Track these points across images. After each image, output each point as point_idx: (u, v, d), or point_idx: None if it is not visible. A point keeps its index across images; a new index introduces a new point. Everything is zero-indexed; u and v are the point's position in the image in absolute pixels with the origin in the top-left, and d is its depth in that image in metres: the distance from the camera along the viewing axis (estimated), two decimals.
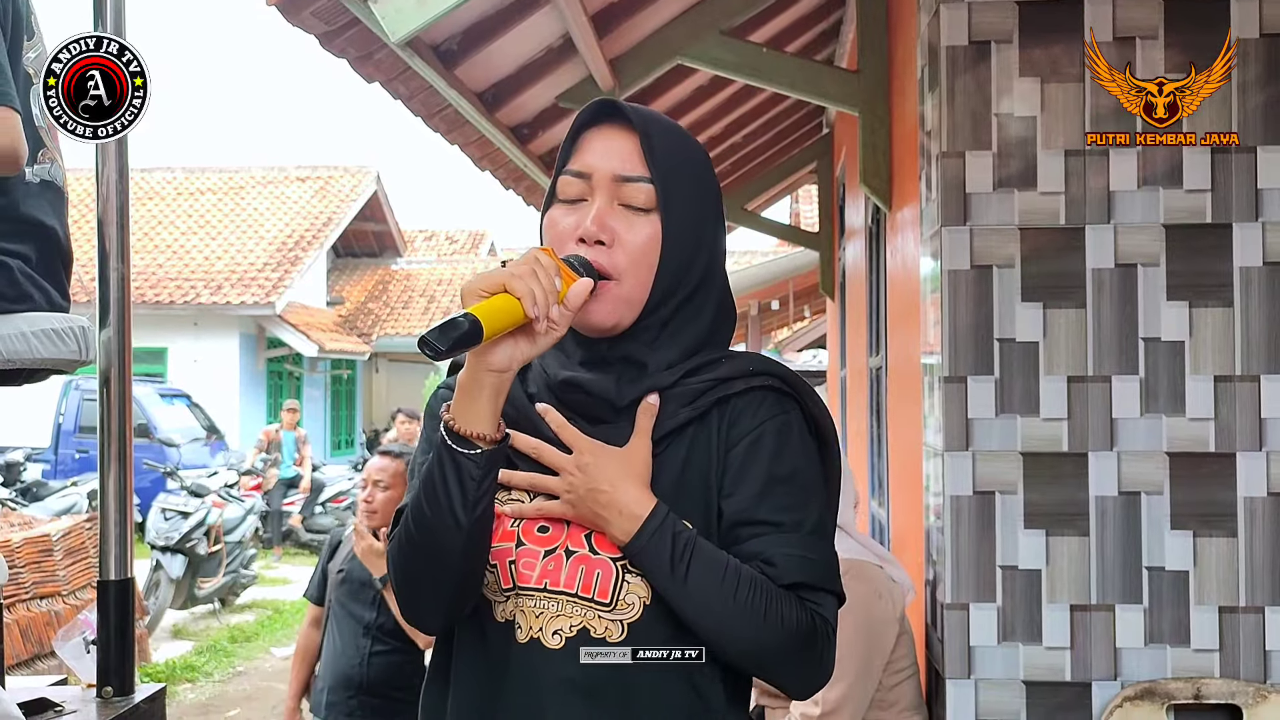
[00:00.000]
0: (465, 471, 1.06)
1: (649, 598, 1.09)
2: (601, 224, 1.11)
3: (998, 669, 2.54)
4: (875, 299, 4.55)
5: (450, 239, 24.39)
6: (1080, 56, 2.56)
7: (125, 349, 2.09)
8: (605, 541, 1.10)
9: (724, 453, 1.12)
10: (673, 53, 3.67)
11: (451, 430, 1.06)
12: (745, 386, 1.14)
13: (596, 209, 1.12)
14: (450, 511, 1.06)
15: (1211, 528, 2.51)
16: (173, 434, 12.12)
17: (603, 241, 1.11)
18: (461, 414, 1.06)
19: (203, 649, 7.17)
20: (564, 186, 1.15)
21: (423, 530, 1.09)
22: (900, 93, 3.49)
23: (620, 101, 1.16)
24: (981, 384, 2.56)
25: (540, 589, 1.10)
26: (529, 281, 1.02)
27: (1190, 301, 2.54)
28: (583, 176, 1.13)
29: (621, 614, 1.09)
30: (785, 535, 1.10)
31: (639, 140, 1.13)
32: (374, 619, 3.09)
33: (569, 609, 1.09)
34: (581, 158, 1.14)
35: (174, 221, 18.17)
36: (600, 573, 1.09)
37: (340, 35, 2.82)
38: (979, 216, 2.58)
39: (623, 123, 1.14)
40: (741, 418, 1.13)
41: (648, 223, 1.12)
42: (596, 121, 1.15)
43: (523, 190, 4.82)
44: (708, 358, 1.16)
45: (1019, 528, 2.54)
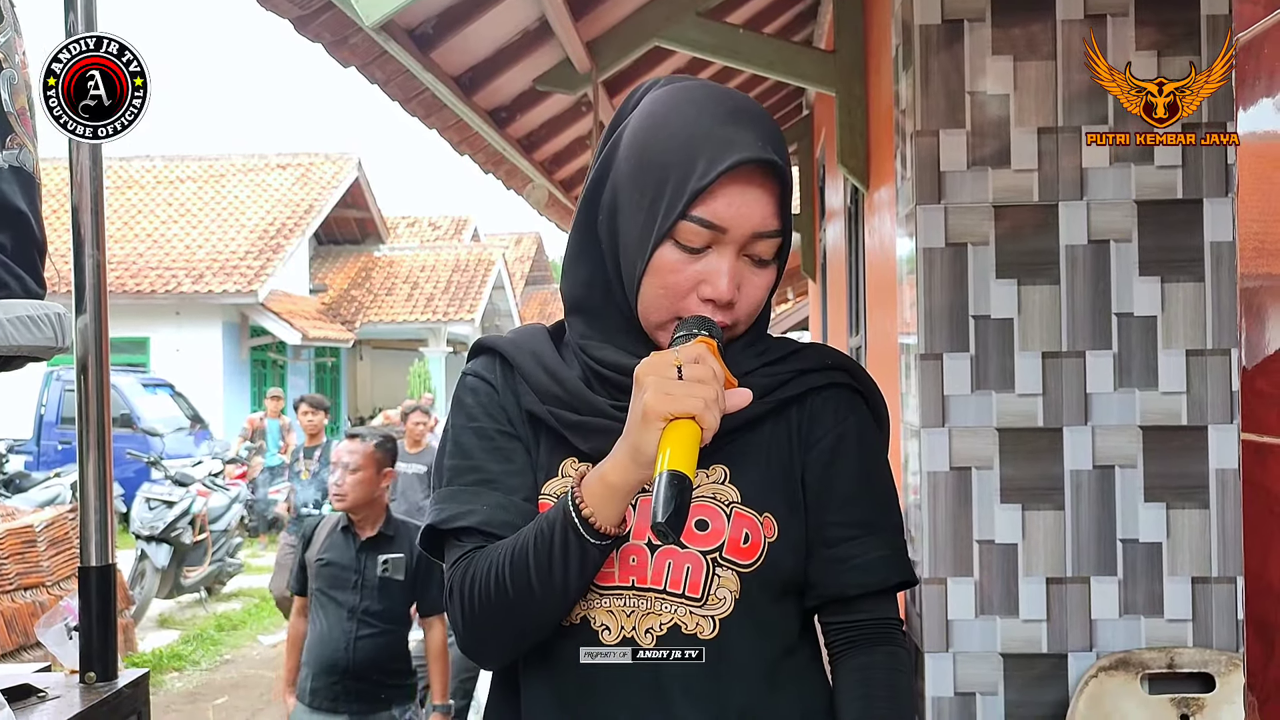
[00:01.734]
0: (591, 559, 1.01)
1: (739, 591, 1.05)
2: (734, 288, 1.05)
3: (975, 642, 2.57)
4: (855, 279, 4.57)
5: (433, 225, 24.31)
6: (1053, 35, 2.58)
7: (102, 336, 2.08)
8: (693, 532, 1.05)
9: (804, 451, 1.10)
10: (650, 34, 3.67)
11: (586, 520, 0.99)
12: (825, 382, 1.11)
13: (729, 268, 1.03)
14: (564, 589, 1.01)
15: (1184, 500, 2.55)
16: (156, 424, 12.08)
17: (733, 304, 1.06)
18: (602, 510, 0.99)
19: (189, 638, 7.17)
20: (688, 234, 1.03)
21: (522, 593, 1.02)
22: (876, 72, 3.50)
23: (772, 157, 1.03)
24: (957, 361, 2.59)
25: (627, 587, 1.06)
26: (715, 411, 0.94)
27: (1162, 277, 2.56)
28: (717, 229, 1.02)
29: (713, 609, 1.05)
30: (878, 537, 1.10)
31: (778, 193, 1.05)
32: (358, 602, 3.11)
33: (658, 606, 1.05)
34: (717, 208, 1.02)
35: (154, 210, 18.05)
36: (690, 567, 1.05)
37: (315, 19, 2.81)
38: (953, 195, 2.60)
39: (767, 172, 1.04)
40: (821, 416, 1.11)
41: (768, 274, 1.08)
42: (740, 164, 1.02)
43: (502, 174, 4.81)
44: (782, 350, 1.13)
45: (995, 503, 2.57)
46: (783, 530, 1.08)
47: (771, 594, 1.08)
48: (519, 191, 4.64)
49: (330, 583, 3.17)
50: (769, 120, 1.08)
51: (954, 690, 2.57)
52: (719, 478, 1.08)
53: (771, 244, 1.06)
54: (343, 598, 3.14)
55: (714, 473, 1.08)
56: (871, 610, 1.11)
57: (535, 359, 1.12)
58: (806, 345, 1.16)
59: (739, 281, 1.05)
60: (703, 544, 1.05)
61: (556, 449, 1.11)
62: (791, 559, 1.08)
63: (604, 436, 1.05)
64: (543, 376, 1.10)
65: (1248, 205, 0.91)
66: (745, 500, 1.07)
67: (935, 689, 2.57)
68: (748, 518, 1.06)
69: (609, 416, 1.06)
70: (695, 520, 1.06)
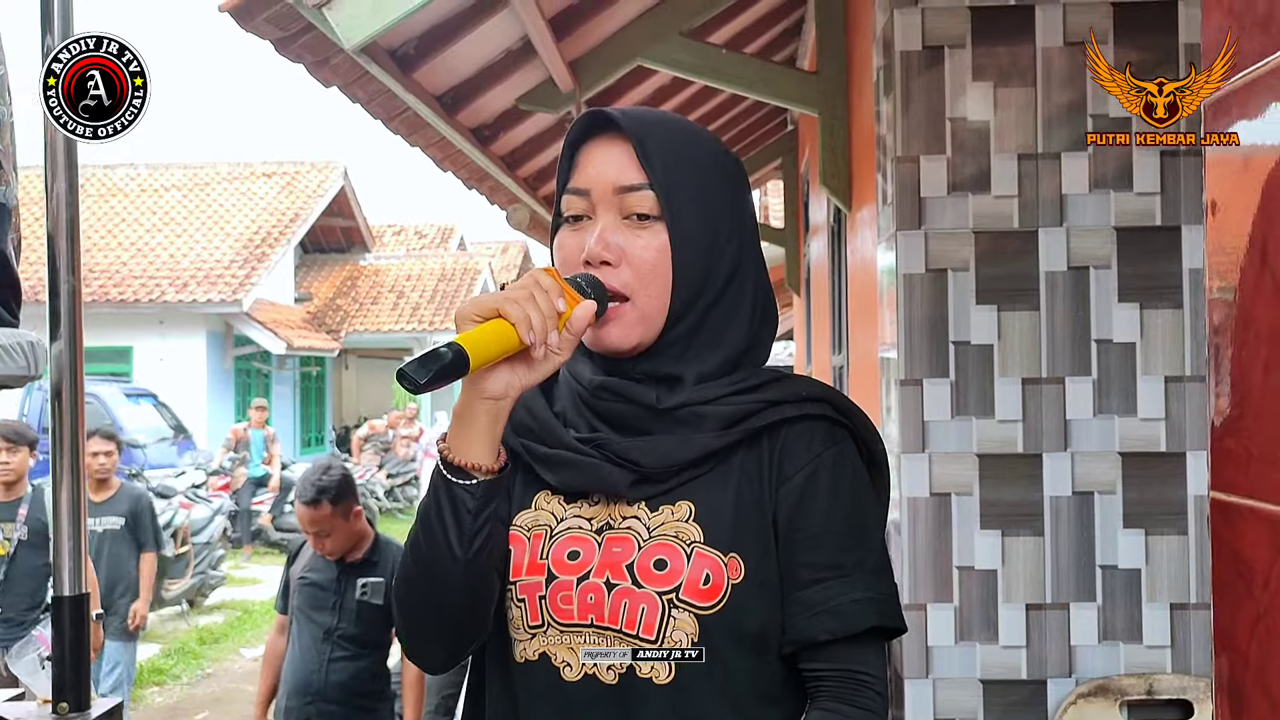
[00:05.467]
0: (461, 503, 1.00)
1: (697, 634, 1.02)
2: (606, 243, 1.05)
3: (955, 668, 2.57)
4: (838, 298, 4.58)
5: (419, 234, 24.27)
6: (1033, 61, 2.59)
7: (77, 361, 2.07)
8: (650, 572, 1.02)
9: (775, 488, 1.06)
10: (632, 54, 3.67)
11: (447, 460, 1.01)
12: (798, 413, 1.07)
13: (601, 227, 1.06)
14: (446, 545, 1.01)
15: (1162, 526, 2.56)
16: (138, 434, 11.99)
17: (609, 262, 1.05)
18: (457, 443, 1.01)
19: (170, 651, 7.13)
20: (566, 205, 1.09)
21: (420, 564, 1.04)
22: (859, 94, 3.51)
23: (610, 110, 1.09)
24: (937, 386, 2.59)
25: (586, 624, 1.03)
26: (526, 306, 0.97)
27: (1141, 303, 2.57)
28: (582, 193, 1.08)
29: (669, 651, 1.02)
30: (850, 579, 1.04)
31: (633, 145, 1.06)
32: (334, 624, 3.09)
33: (617, 645, 1.03)
34: (579, 173, 1.09)
35: (138, 219, 17.98)
36: (645, 607, 1.02)
37: (295, 41, 2.79)
38: (934, 220, 2.60)
39: (616, 132, 1.08)
40: (794, 450, 1.06)
41: (655, 233, 1.06)
42: (590, 135, 1.10)
43: (486, 190, 4.81)
44: (757, 379, 1.09)
45: (975, 528, 2.58)
46: (751, 572, 1.03)
47: (739, 641, 1.03)
48: (502, 208, 4.64)
49: (310, 602, 3.16)
50: (642, 112, 1.13)
51: (934, 716, 2.56)
52: (683, 515, 1.05)
53: (642, 197, 1.06)
54: (320, 619, 3.12)
55: (679, 510, 1.05)
56: (838, 660, 1.04)
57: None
58: (787, 375, 1.12)
59: (619, 243, 1.06)
60: (659, 584, 1.02)
61: (530, 482, 1.11)
62: (761, 603, 1.04)
63: (571, 470, 1.06)
64: (518, 410, 1.09)
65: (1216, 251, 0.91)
66: (709, 540, 1.03)
67: (915, 715, 2.57)
68: (710, 558, 1.03)
69: (576, 450, 1.06)
70: (654, 560, 1.03)
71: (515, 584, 1.07)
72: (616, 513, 1.06)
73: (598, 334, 1.06)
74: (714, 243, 1.08)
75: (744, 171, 1.17)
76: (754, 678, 1.05)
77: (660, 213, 1.06)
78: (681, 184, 1.07)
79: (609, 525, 1.05)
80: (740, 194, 1.13)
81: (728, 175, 1.12)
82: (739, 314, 1.10)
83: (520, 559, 1.07)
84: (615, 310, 1.05)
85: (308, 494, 3.05)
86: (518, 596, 1.06)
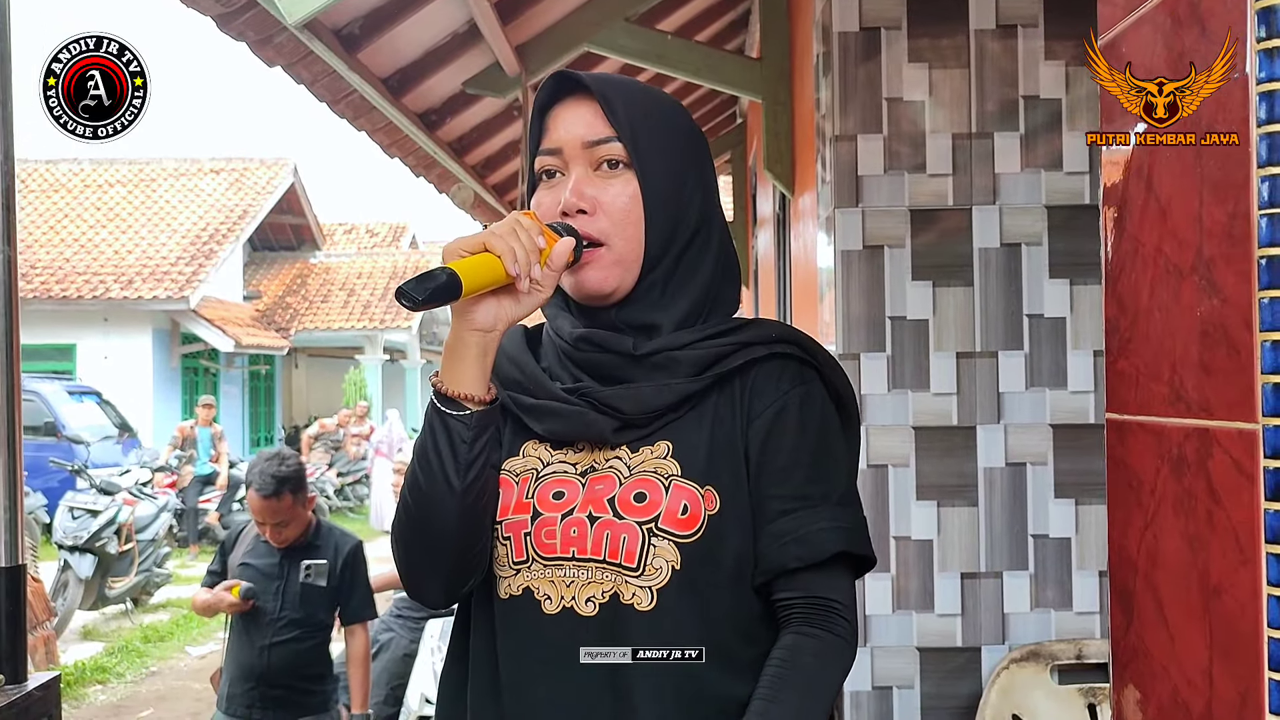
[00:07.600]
0: (455, 434, 1.05)
1: (678, 562, 1.05)
2: (579, 193, 1.10)
3: (892, 637, 2.63)
4: (783, 285, 4.64)
5: (371, 232, 24.06)
6: (966, 44, 2.65)
7: (13, 332, 2.05)
8: (631, 504, 1.07)
9: (746, 424, 1.10)
10: (579, 40, 3.70)
11: (440, 392, 1.06)
12: (768, 353, 1.11)
13: (574, 179, 1.11)
14: (443, 476, 1.05)
15: (1092, 496, 2.63)
16: (81, 431, 11.79)
17: (584, 210, 1.10)
18: (449, 375, 1.06)
19: (114, 649, 7.01)
20: (540, 165, 1.15)
21: (418, 498, 1.08)
22: (801, 79, 3.56)
23: (573, 71, 1.15)
24: (874, 360, 2.64)
25: (568, 557, 1.07)
26: (509, 240, 1.03)
27: (1071, 279, 2.65)
28: (554, 152, 1.13)
29: (650, 579, 1.05)
30: (816, 509, 1.07)
31: (599, 102, 1.12)
32: (278, 609, 3.07)
33: (599, 575, 1.06)
34: (550, 135, 1.14)
35: (82, 214, 17.64)
36: (626, 537, 1.06)
37: (238, 17, 2.79)
38: (871, 198, 2.66)
39: (581, 91, 1.13)
40: (764, 388, 1.11)
41: (626, 181, 1.11)
42: (557, 97, 1.15)
43: (434, 178, 4.80)
44: (729, 324, 1.14)
45: (911, 500, 2.63)
46: (726, 504, 1.08)
47: (718, 570, 1.07)
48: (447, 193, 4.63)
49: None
50: (604, 74, 1.18)
51: (871, 684, 2.62)
52: (662, 453, 1.09)
53: (610, 148, 1.11)
54: (263, 604, 3.10)
55: (658, 449, 1.10)
56: (809, 587, 1.07)
57: (502, 350, 1.17)
58: (756, 320, 1.17)
59: (592, 193, 1.11)
60: (639, 514, 1.06)
61: (519, 432, 1.15)
62: (737, 533, 1.08)
63: (558, 419, 1.11)
64: (505, 363, 1.16)
65: (1110, 195, 0.96)
66: (686, 473, 1.08)
67: (853, 683, 2.62)
68: (688, 490, 1.07)
69: (561, 400, 1.11)
70: (634, 493, 1.07)
71: (501, 523, 1.11)
72: (600, 457, 1.11)
73: (578, 278, 1.11)
74: (680, 191, 1.14)
75: (703, 134, 1.22)
76: (732, 611, 1.08)
77: (630, 160, 1.11)
78: (648, 135, 1.12)
79: (593, 469, 1.10)
80: (701, 150, 1.19)
81: (690, 133, 1.18)
82: (707, 261, 1.15)
83: (508, 500, 1.11)
84: (592, 254, 1.10)
85: (268, 487, 3.01)
86: (504, 534, 1.11)
